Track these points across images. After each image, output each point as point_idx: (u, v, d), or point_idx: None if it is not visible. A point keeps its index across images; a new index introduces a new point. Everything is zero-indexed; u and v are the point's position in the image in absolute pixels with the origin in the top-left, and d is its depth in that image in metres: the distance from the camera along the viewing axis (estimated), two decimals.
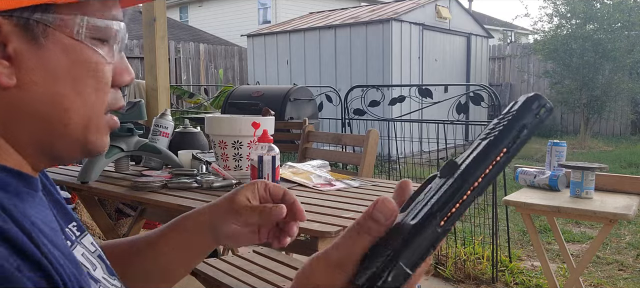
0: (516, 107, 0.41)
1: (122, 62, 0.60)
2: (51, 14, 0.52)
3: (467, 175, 0.40)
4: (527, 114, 0.40)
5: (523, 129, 0.40)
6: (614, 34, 9.42)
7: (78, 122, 0.55)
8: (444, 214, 0.39)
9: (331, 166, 2.36)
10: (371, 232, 0.42)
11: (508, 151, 0.40)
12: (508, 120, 0.40)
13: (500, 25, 20.63)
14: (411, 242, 0.39)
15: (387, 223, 0.42)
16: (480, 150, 0.40)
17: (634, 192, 2.36)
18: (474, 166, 0.40)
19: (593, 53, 9.36)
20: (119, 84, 0.59)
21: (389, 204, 0.42)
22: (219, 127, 2.03)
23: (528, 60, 11.59)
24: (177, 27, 15.37)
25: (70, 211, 0.69)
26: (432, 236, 0.39)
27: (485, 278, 3.23)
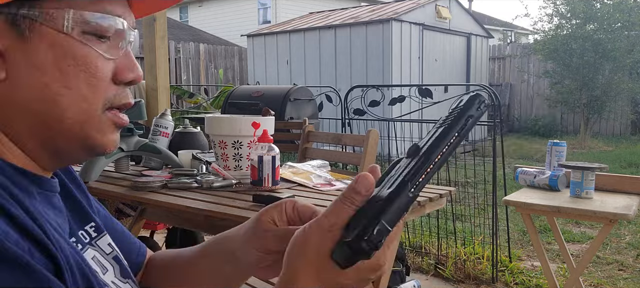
0: (462, 103, 0.54)
1: (127, 59, 0.60)
2: (37, 9, 0.53)
3: (430, 153, 0.51)
4: (471, 107, 0.53)
5: (469, 119, 0.53)
6: (614, 34, 9.42)
7: (74, 118, 0.55)
8: (414, 183, 0.50)
9: (331, 166, 2.36)
10: (354, 201, 0.51)
11: (458, 135, 0.52)
12: (457, 113, 0.53)
13: (500, 25, 20.64)
14: (390, 204, 0.49)
15: (366, 194, 0.51)
16: (438, 135, 0.52)
17: (634, 192, 2.36)
18: (435, 146, 0.52)
19: (593, 53, 9.36)
20: (121, 80, 0.59)
21: (369, 178, 0.51)
22: (219, 127, 2.03)
23: (528, 60, 11.58)
24: (177, 27, 15.37)
25: (90, 212, 0.70)
26: (405, 200, 0.50)
27: (485, 278, 3.23)
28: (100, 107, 0.57)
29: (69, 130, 0.56)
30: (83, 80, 0.55)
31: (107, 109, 0.58)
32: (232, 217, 1.55)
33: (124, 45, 0.59)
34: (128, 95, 0.61)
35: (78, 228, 0.66)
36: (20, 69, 0.53)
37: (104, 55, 0.57)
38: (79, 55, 0.55)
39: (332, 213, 0.51)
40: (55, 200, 0.60)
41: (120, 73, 0.59)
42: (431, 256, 3.54)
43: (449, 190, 1.98)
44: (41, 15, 0.53)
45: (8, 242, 0.44)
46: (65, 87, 0.54)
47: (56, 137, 0.56)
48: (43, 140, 0.56)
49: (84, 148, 0.58)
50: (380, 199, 0.50)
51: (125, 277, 0.68)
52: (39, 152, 0.57)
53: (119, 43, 0.58)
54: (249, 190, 1.87)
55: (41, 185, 0.57)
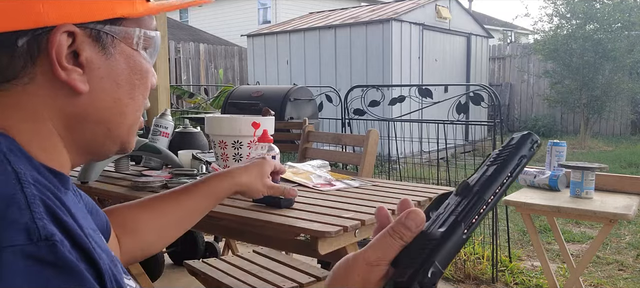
0: (514, 141, 0.54)
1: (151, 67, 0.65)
2: (119, 27, 0.58)
3: (483, 193, 0.51)
4: (524, 147, 0.53)
5: (522, 159, 0.52)
6: (614, 34, 9.42)
7: (129, 124, 0.62)
8: (467, 224, 0.49)
9: (331, 166, 2.36)
10: (403, 237, 0.50)
11: (511, 175, 0.52)
12: (509, 151, 0.53)
13: (500, 25, 20.63)
14: (443, 245, 0.48)
15: (416, 230, 0.50)
16: (490, 174, 0.52)
17: (634, 192, 2.36)
18: (488, 186, 0.51)
19: (593, 53, 9.36)
20: (151, 87, 0.65)
21: (420, 215, 0.51)
22: (219, 127, 2.03)
23: (528, 60, 11.58)
24: (177, 27, 15.36)
25: None
26: (458, 241, 0.49)
27: (485, 278, 3.23)
28: (141, 114, 0.64)
29: (119, 136, 0.61)
30: (141, 91, 0.62)
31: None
32: (232, 217, 1.55)
33: (152, 55, 0.64)
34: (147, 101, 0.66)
35: None
36: (103, 82, 0.57)
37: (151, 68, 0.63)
38: (143, 70, 0.61)
39: (380, 248, 0.51)
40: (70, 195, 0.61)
41: (152, 81, 0.65)
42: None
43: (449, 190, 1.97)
44: (121, 33, 0.58)
45: (64, 249, 0.45)
46: (131, 99, 0.60)
47: (108, 142, 0.61)
48: (96, 145, 0.61)
49: (119, 150, 0.63)
50: (433, 238, 0.49)
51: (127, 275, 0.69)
52: (84, 154, 0.61)
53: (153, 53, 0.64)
54: None
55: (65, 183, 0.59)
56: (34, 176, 0.51)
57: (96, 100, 0.57)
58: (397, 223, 0.50)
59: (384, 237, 0.51)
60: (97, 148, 0.61)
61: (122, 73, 0.58)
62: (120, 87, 0.58)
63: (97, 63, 0.56)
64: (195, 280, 2.20)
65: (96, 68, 0.56)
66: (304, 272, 2.09)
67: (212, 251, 3.32)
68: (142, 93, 0.62)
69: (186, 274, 2.25)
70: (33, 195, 0.47)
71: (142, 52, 0.61)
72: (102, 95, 0.57)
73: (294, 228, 1.43)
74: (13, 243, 0.43)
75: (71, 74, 0.54)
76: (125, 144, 0.63)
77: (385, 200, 1.76)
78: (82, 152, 0.60)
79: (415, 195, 1.84)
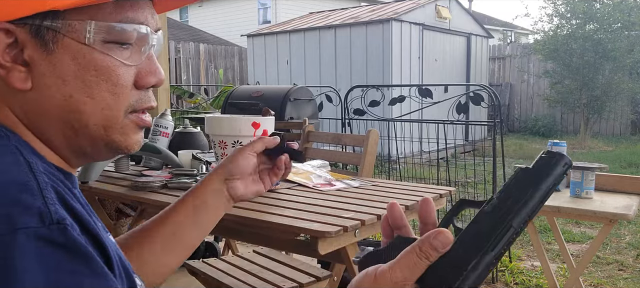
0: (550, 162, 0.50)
1: (150, 64, 0.61)
2: (60, 21, 0.54)
3: (514, 221, 0.48)
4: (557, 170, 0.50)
5: (554, 185, 0.49)
6: (614, 34, 9.42)
7: (98, 123, 0.58)
8: (496, 254, 0.48)
9: (331, 166, 2.36)
10: (430, 257, 0.49)
11: (541, 202, 0.49)
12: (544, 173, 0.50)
13: (500, 25, 20.63)
14: (472, 274, 0.48)
15: (443, 251, 0.50)
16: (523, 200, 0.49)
17: (634, 192, 2.36)
18: (519, 214, 0.48)
19: (593, 53, 9.36)
20: (143, 86, 0.61)
21: (447, 235, 0.50)
22: (219, 127, 2.03)
23: (528, 60, 11.58)
24: (177, 27, 15.36)
25: None
26: (485, 271, 0.48)
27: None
28: (122, 112, 0.59)
29: (94, 135, 0.58)
30: (105, 89, 0.57)
31: (130, 113, 0.60)
32: (231, 217, 1.55)
33: (146, 50, 0.60)
34: (151, 98, 0.63)
35: None
36: (46, 80, 0.55)
37: (126, 63, 0.58)
38: (100, 66, 0.56)
39: (407, 267, 0.50)
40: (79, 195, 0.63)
41: (143, 78, 0.61)
42: None
43: (449, 190, 1.98)
44: (64, 27, 0.55)
45: (75, 232, 0.47)
46: (88, 97, 0.56)
47: (82, 141, 0.59)
48: (71, 143, 0.59)
49: (109, 150, 0.61)
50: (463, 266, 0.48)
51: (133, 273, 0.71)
52: (68, 153, 0.60)
53: (141, 48, 0.60)
54: None
55: (71, 181, 0.60)
56: (45, 167, 0.53)
57: (43, 98, 0.56)
58: (425, 243, 0.50)
59: (411, 256, 0.50)
60: (78, 149, 0.60)
61: (67, 70, 0.55)
62: (67, 84, 0.55)
63: (38, 60, 0.55)
64: (195, 280, 2.20)
65: (38, 65, 0.55)
66: (304, 272, 2.09)
67: (212, 251, 3.32)
68: (107, 90, 0.57)
69: (186, 274, 2.25)
70: (45, 182, 0.50)
71: (99, 47, 0.56)
72: (49, 93, 0.56)
73: (294, 228, 1.43)
74: (27, 225, 0.45)
75: (11, 72, 0.54)
76: (114, 144, 0.60)
77: (385, 200, 1.76)
78: (68, 152, 0.60)
79: (415, 195, 1.84)
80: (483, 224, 0.50)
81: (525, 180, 0.50)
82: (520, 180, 0.50)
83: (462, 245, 0.50)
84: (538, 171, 0.50)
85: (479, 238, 0.49)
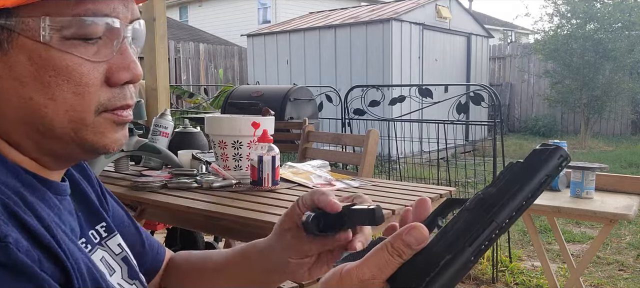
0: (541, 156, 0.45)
1: (122, 58, 0.56)
2: (14, 18, 0.50)
3: (497, 217, 0.44)
4: (550, 164, 0.45)
5: (547, 179, 0.44)
6: (615, 33, 9.42)
7: (64, 126, 0.53)
8: (475, 251, 0.43)
9: (331, 166, 2.36)
10: (403, 255, 0.45)
11: (531, 196, 0.44)
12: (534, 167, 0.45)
13: (501, 25, 20.63)
14: (445, 273, 0.43)
15: (417, 248, 0.45)
16: (509, 194, 0.44)
17: (634, 192, 2.35)
18: (503, 208, 0.44)
19: (593, 53, 9.36)
20: (115, 82, 0.55)
21: (422, 231, 0.45)
22: (218, 127, 2.03)
23: (528, 60, 11.58)
24: (177, 27, 15.36)
25: (101, 211, 0.69)
26: (462, 269, 0.43)
27: (486, 278, 3.23)
28: (91, 113, 0.54)
29: (63, 137, 0.54)
30: (67, 90, 0.52)
31: (103, 112, 0.55)
32: (232, 217, 1.54)
33: (117, 44, 0.55)
34: (126, 96, 0.57)
35: (88, 228, 0.66)
36: (3, 82, 0.51)
37: (91, 60, 0.53)
38: (59, 65, 0.51)
39: (376, 265, 0.45)
40: (66, 203, 0.59)
41: (114, 74, 0.55)
42: None
43: (449, 190, 1.97)
44: (18, 25, 0.50)
45: (19, 251, 0.44)
46: (49, 99, 0.52)
47: (52, 144, 0.54)
48: (41, 147, 0.55)
49: (85, 151, 0.56)
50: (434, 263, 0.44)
51: (132, 278, 0.68)
52: (41, 156, 0.56)
53: (112, 42, 0.54)
54: (248, 191, 1.87)
55: (51, 189, 0.56)
56: None
57: (3, 101, 0.52)
58: (397, 239, 0.45)
59: (382, 253, 0.45)
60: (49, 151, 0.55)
61: (24, 71, 0.51)
62: (25, 86, 0.51)
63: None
64: None
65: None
66: None
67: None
68: (70, 91, 0.52)
69: None
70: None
71: (58, 45, 0.51)
72: (7, 96, 0.51)
73: None
74: None
75: None
76: (88, 144, 0.55)
77: (385, 200, 1.76)
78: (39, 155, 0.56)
79: (415, 195, 1.84)
80: (464, 220, 0.45)
81: (515, 174, 0.45)
82: (510, 175, 0.46)
83: (440, 241, 0.45)
84: (530, 164, 0.45)
85: (457, 235, 0.44)
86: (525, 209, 0.45)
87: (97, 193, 0.72)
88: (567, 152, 0.46)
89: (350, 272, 0.46)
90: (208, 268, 0.77)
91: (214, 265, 0.77)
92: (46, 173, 0.57)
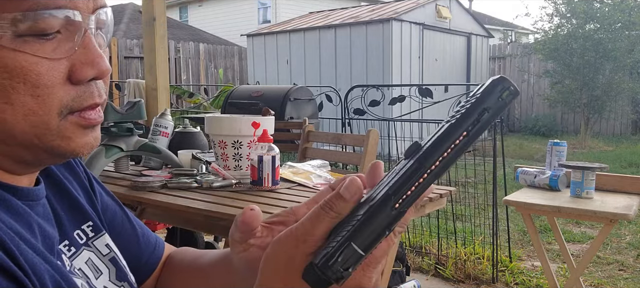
0: (480, 90, 0.41)
1: (86, 53, 0.50)
2: None
3: (424, 159, 0.40)
4: (489, 97, 0.40)
5: (484, 112, 0.40)
6: (615, 33, 9.41)
7: (26, 131, 0.49)
8: (398, 197, 0.40)
9: (331, 166, 2.36)
10: (336, 208, 0.42)
11: (468, 134, 0.40)
12: (471, 103, 0.40)
13: (501, 24, 20.62)
14: (365, 225, 0.40)
15: (352, 201, 0.42)
16: (441, 133, 0.40)
17: (634, 192, 2.35)
18: (433, 149, 0.40)
19: (593, 53, 9.36)
20: (79, 80, 0.50)
21: (355, 183, 0.42)
22: (218, 127, 2.03)
23: (528, 59, 11.58)
24: (177, 26, 15.36)
25: (88, 210, 0.66)
26: (386, 218, 0.40)
27: (486, 278, 3.23)
28: (55, 115, 0.49)
29: (27, 143, 0.50)
30: (24, 92, 0.47)
31: (68, 114, 0.50)
32: (232, 217, 1.54)
33: (79, 38, 0.50)
34: (94, 93, 0.52)
35: (73, 228, 0.62)
36: None
37: (49, 58, 0.48)
38: (11, 66, 0.46)
39: (309, 220, 0.43)
40: (39, 208, 0.55)
41: (77, 71, 0.50)
42: (431, 256, 3.53)
43: (449, 190, 1.97)
44: None
45: None
46: (6, 103, 0.47)
47: (17, 151, 0.50)
48: (6, 154, 0.51)
49: (53, 156, 0.52)
50: (356, 215, 0.41)
51: (120, 280, 0.65)
52: (8, 163, 0.52)
53: (73, 35, 0.49)
54: (249, 190, 1.87)
55: (17, 195, 0.52)
56: None
57: None
58: (331, 194, 0.43)
59: (316, 210, 0.43)
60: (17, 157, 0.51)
61: None
62: None
63: None
64: None
65: None
66: None
67: None
68: (26, 93, 0.47)
69: None
70: None
71: (10, 44, 0.46)
72: None
73: None
74: None
75: None
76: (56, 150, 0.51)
77: None
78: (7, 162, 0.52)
79: None
80: (394, 169, 0.43)
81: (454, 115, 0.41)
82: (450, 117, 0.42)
83: (373, 194, 0.42)
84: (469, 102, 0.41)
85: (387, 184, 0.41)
86: (463, 148, 0.40)
87: (85, 189, 0.68)
88: (511, 82, 0.41)
89: (285, 232, 0.44)
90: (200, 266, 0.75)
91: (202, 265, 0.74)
92: (12, 179, 0.52)
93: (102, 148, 2.05)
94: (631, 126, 10.80)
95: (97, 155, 2.03)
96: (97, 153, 2.03)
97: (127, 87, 4.70)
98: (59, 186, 0.64)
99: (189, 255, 0.78)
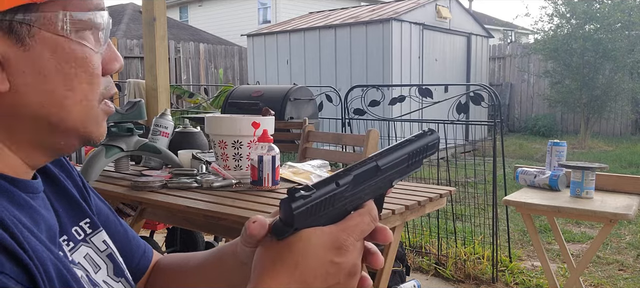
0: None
1: (110, 49, 0.59)
2: (34, 13, 0.51)
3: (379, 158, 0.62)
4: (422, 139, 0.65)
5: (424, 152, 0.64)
6: (614, 33, 9.41)
7: (76, 117, 0.56)
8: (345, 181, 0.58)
9: (331, 166, 2.36)
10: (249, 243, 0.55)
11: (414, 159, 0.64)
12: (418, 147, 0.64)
13: (501, 25, 20.62)
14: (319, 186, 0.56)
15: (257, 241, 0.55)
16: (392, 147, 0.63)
17: (634, 192, 2.35)
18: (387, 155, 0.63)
19: (593, 53, 9.36)
20: (108, 71, 0.59)
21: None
22: (218, 126, 2.03)
23: (528, 60, 11.57)
24: (177, 26, 15.36)
25: (85, 208, 0.68)
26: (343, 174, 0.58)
27: (486, 278, 3.23)
28: (97, 101, 0.58)
29: (71, 129, 0.56)
30: (84, 79, 0.55)
31: (101, 102, 0.59)
32: (232, 217, 1.55)
33: (105, 35, 0.58)
34: (112, 85, 0.61)
35: (71, 224, 0.64)
36: (25, 77, 0.52)
37: (95, 50, 0.56)
38: (79, 56, 0.54)
39: None
40: (39, 200, 0.58)
41: (107, 64, 0.59)
42: (431, 256, 3.54)
43: (449, 190, 1.97)
44: (38, 20, 0.51)
45: None
46: (69, 90, 0.54)
47: (58, 137, 0.56)
48: (43, 142, 0.56)
49: (81, 141, 0.59)
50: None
51: (117, 276, 0.67)
52: (35, 153, 0.57)
53: (100, 34, 0.57)
54: (249, 190, 1.87)
55: (20, 187, 0.55)
56: None
57: (23, 97, 0.52)
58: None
59: None
60: (49, 145, 0.57)
61: (48, 64, 0.52)
62: (48, 79, 0.52)
63: (14, 57, 0.51)
64: None
65: (14, 63, 0.51)
66: None
67: None
68: (85, 81, 0.55)
69: None
70: None
71: (74, 36, 0.54)
72: (29, 90, 0.52)
73: None
74: None
75: None
76: (88, 135, 0.58)
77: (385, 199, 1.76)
78: (35, 151, 0.56)
79: (416, 195, 1.84)
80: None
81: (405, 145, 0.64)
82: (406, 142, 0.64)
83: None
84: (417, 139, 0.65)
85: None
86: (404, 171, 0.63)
87: (79, 189, 0.70)
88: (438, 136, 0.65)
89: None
90: (189, 269, 0.76)
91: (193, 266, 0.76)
92: (13, 172, 0.56)
93: (102, 148, 2.05)
94: (631, 126, 10.80)
95: (97, 155, 2.03)
96: (97, 153, 2.03)
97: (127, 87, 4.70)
98: (57, 184, 0.66)
99: (177, 259, 0.80)
